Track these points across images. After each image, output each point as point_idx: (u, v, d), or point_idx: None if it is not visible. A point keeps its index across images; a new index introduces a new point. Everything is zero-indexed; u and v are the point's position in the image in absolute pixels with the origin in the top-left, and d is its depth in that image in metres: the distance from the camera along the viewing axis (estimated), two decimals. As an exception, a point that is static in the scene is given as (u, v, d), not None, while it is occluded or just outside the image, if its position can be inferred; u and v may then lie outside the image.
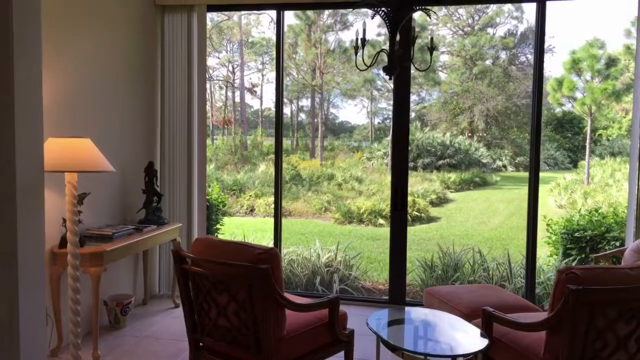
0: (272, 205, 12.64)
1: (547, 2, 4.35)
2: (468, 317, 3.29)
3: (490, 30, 18.90)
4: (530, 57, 18.56)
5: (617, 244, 4.86)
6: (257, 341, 2.85)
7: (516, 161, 18.84)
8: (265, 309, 2.82)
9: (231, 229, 8.88)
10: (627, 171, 15.28)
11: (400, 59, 3.84)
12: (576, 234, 5.18)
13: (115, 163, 4.18)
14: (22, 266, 2.68)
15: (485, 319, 2.96)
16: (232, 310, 2.91)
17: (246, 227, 9.75)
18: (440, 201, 13.21)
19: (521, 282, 4.95)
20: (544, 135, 18.39)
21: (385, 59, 3.69)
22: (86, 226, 3.99)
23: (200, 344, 3.18)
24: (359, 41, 3.72)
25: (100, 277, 3.67)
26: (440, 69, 18.06)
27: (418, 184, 14.10)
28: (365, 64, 3.76)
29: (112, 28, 4.34)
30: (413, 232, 10.24)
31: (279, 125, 5.01)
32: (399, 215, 4.75)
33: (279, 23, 4.92)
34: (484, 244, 9.50)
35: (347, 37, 17.84)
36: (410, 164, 16.28)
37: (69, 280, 3.41)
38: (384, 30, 16.86)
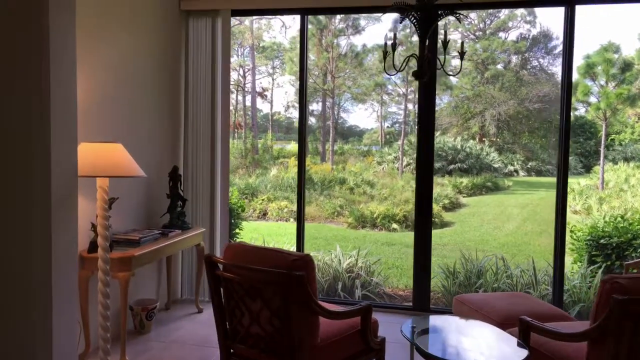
0: (285, 210, 12.69)
1: (577, 6, 4.31)
2: (501, 325, 3.25)
3: (502, 34, 18.85)
4: (543, 61, 18.50)
5: (644, 251, 4.82)
6: (292, 349, 2.82)
7: (528, 166, 18.74)
8: (300, 317, 2.80)
9: (249, 233, 8.86)
10: (641, 177, 15.08)
11: (429, 64, 3.82)
12: (601, 241, 5.13)
13: (141, 167, 4.17)
14: (55, 271, 2.67)
15: (522, 329, 2.93)
16: (265, 318, 2.89)
17: (262, 232, 9.75)
18: (453, 206, 13.17)
19: (546, 290, 4.91)
20: (555, 140, 18.30)
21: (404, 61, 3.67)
22: (113, 231, 3.98)
23: (232, 350, 3.16)
24: (390, 46, 3.69)
25: (128, 282, 3.66)
26: (451, 73, 18.02)
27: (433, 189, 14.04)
28: (395, 68, 3.74)
29: (137, 34, 4.34)
30: (428, 237, 10.20)
31: (302, 129, 4.99)
32: (424, 222, 4.72)
33: (303, 28, 4.91)
34: (500, 249, 9.45)
35: (359, 41, 17.84)
36: (422, 169, 16.20)
37: (99, 286, 3.40)
38: (391, 34, 16.88)
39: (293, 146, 18.80)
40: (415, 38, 3.88)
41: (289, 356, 2.84)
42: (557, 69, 18.39)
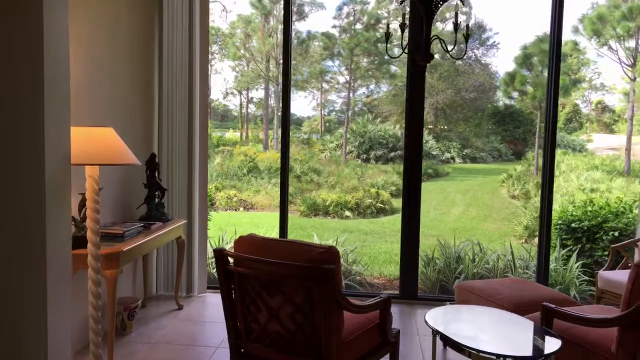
0: (235, 199, 12.32)
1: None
2: (514, 312, 3.21)
3: (439, 25, 19.17)
4: (477, 52, 19.00)
5: (616, 234, 4.97)
6: (317, 347, 2.64)
7: (464, 153, 19.26)
8: (327, 313, 2.62)
9: (215, 224, 8.50)
10: (570, 162, 15.84)
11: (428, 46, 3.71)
12: (572, 225, 5.26)
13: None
14: (50, 261, 2.40)
15: (545, 315, 2.89)
16: (286, 314, 2.68)
17: (218, 222, 9.39)
18: (399, 192, 13.29)
19: (525, 274, 4.97)
20: (487, 128, 18.93)
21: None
22: (92, 224, 3.62)
23: (242, 350, 2.94)
24: (392, 28, 3.54)
25: (116, 280, 3.33)
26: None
27: (376, 176, 14.14)
28: (403, 51, 3.61)
29: (106, 12, 3.95)
30: (381, 223, 10.22)
31: (286, 116, 4.75)
32: (411, 210, 4.64)
33: (288, 5, 4.68)
34: (450, 234, 9.59)
35: (303, 27, 17.57)
36: (363, 156, 16.31)
37: (89, 285, 3.06)
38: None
39: (232, 134, 18.35)
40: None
41: (313, 355, 2.66)
42: (490, 60, 18.95)
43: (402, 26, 3.64)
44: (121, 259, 3.34)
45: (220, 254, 2.83)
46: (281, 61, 16.64)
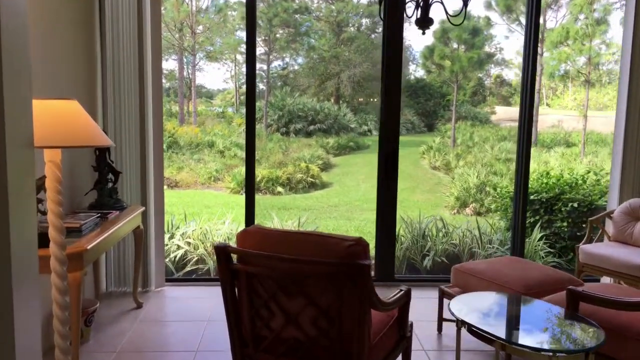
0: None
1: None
2: (522, 294, 3.01)
3: (355, -4, 18.90)
4: (391, 25, 19.01)
5: (575, 204, 4.97)
6: (343, 354, 2.27)
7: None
8: (360, 314, 2.23)
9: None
10: (481, 134, 16.35)
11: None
12: (531, 197, 5.21)
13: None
14: (15, 253, 1.82)
15: (571, 299, 2.69)
16: (308, 318, 2.27)
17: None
18: (326, 166, 13.06)
19: (494, 249, 4.85)
20: (403, 100, 19.17)
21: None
22: (38, 217, 2.95)
23: (247, 360, 2.49)
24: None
25: (81, 285, 2.73)
26: (312, 33, 17.71)
27: (300, 150, 13.79)
28: (407, 16, 3.22)
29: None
30: (316, 198, 9.91)
31: (252, 90, 4.22)
32: (389, 185, 4.32)
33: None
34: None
35: (217, -5, 16.59)
36: (283, 130, 15.86)
37: (53, 294, 2.45)
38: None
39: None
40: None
41: (341, 362, 2.28)
42: (405, 34, 19.04)
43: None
44: (86, 258, 2.73)
45: (223, 250, 2.35)
46: (198, 30, 15.46)
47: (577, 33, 12.87)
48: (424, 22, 3.23)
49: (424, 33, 3.42)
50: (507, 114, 18.37)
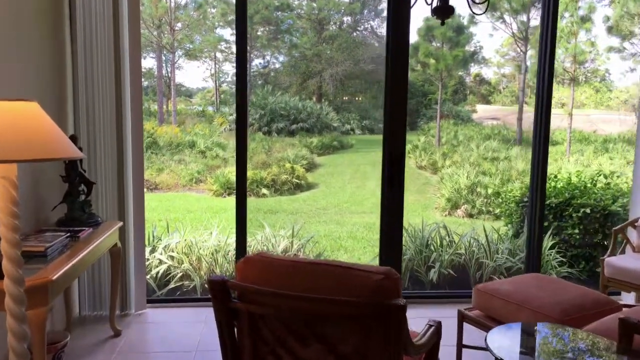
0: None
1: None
2: (562, 322, 2.61)
3: (337, -6, 18.53)
4: (373, 23, 18.73)
5: (587, 210, 4.61)
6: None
7: (362, 124, 19.02)
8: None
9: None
10: (465, 132, 16.09)
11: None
12: (538, 202, 4.83)
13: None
14: None
15: (624, 331, 2.29)
16: (325, 367, 1.84)
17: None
18: (310, 166, 12.64)
19: (503, 259, 4.46)
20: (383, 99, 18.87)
21: None
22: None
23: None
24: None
25: (45, 323, 2.25)
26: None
27: (283, 150, 13.35)
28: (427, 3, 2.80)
29: None
30: (302, 200, 9.47)
31: (244, 89, 3.76)
32: (394, 195, 3.88)
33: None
34: (375, 209, 9.08)
35: (198, -9, 16.01)
36: (265, 129, 15.43)
37: (10, 341, 1.97)
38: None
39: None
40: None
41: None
42: (385, 32, 18.78)
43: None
44: (51, 291, 2.25)
45: (220, 286, 1.90)
46: (177, 27, 14.88)
47: (563, 31, 12.65)
48: (444, 11, 2.82)
49: (443, 23, 3.00)
50: (488, 112, 18.18)
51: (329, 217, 8.24)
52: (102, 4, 3.28)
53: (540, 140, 3.88)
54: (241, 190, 3.85)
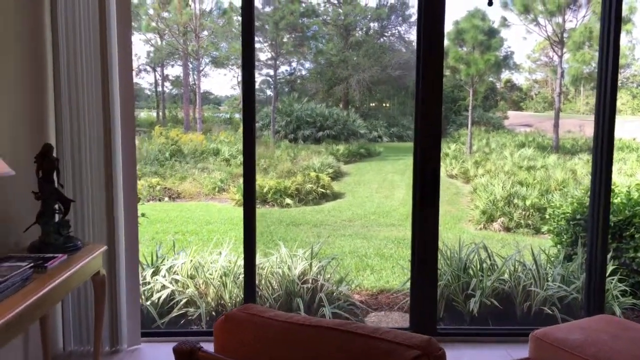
0: (158, 187, 10.41)
1: None
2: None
3: (362, 0, 18.13)
4: (401, 29, 18.22)
5: (653, 230, 3.90)
6: None
7: (390, 132, 18.43)
8: None
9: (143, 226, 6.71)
10: (498, 140, 15.33)
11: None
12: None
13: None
14: None
15: None
16: None
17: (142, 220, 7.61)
18: (337, 175, 12.05)
19: (555, 287, 3.77)
20: (411, 106, 18.21)
21: None
22: None
23: None
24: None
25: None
26: (319, 37, 16.84)
27: (309, 157, 12.82)
28: None
29: None
30: (327, 211, 8.88)
31: (251, 94, 3.20)
32: (428, 215, 3.25)
33: None
34: (404, 220, 8.41)
35: (225, -1, 15.71)
36: (290, 136, 14.99)
37: None
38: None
39: (147, 115, 16.37)
40: None
41: None
42: (414, 37, 18.17)
43: None
44: (-11, 345, 1.71)
45: (187, 357, 1.31)
46: (202, 35, 14.56)
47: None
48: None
49: (490, 3, 2.39)
50: (520, 119, 17.39)
51: (355, 229, 7.61)
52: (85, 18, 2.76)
53: (603, 151, 3.20)
54: (249, 204, 3.28)
